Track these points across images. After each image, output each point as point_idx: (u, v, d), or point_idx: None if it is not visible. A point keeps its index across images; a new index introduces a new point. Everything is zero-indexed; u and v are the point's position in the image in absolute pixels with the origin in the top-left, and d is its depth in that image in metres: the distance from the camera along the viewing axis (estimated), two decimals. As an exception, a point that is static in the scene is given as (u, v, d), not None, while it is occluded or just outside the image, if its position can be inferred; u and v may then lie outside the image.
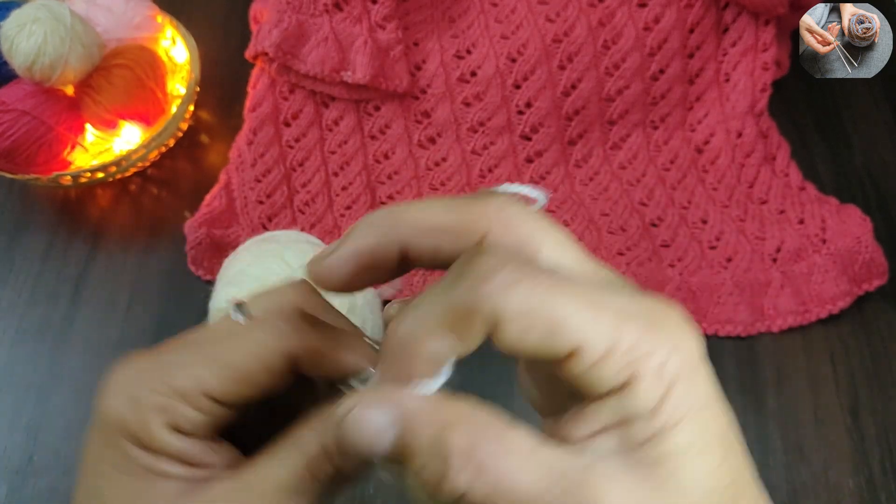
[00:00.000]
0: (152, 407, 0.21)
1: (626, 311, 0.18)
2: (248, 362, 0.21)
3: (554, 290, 0.17)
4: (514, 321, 0.17)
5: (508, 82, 0.54)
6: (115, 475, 0.21)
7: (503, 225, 0.19)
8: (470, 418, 0.18)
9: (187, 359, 0.22)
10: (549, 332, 0.17)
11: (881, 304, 0.50)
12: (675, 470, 0.17)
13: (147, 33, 0.57)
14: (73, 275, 0.53)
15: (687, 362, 0.18)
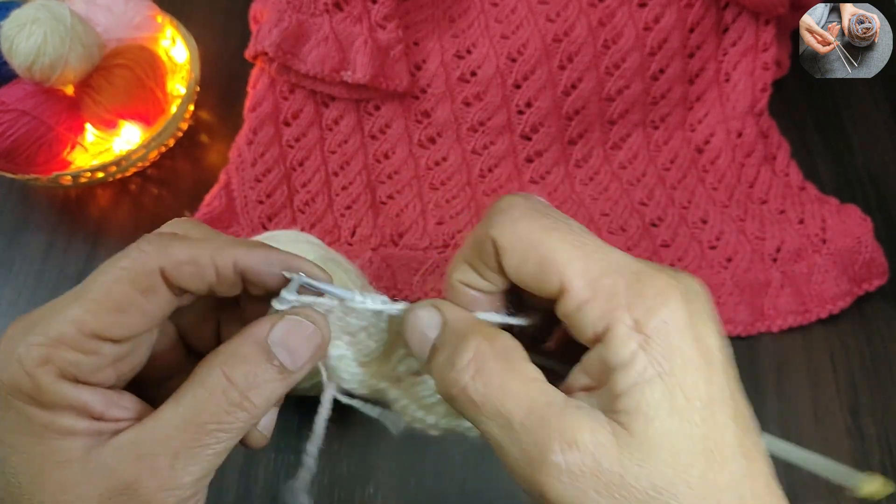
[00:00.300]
0: (36, 360, 0.20)
1: (617, 264, 0.19)
2: (117, 289, 0.21)
3: (552, 233, 0.20)
4: (512, 252, 0.20)
5: (509, 82, 0.54)
6: (17, 439, 0.20)
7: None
8: (493, 336, 0.20)
9: (60, 306, 0.21)
10: (539, 267, 0.19)
11: (881, 304, 0.50)
12: (644, 425, 0.18)
13: (147, 33, 0.57)
14: (73, 275, 0.53)
15: (670, 323, 0.18)
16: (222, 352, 0.22)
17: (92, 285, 0.21)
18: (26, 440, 0.20)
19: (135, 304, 0.21)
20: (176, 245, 0.22)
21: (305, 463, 0.25)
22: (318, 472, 0.45)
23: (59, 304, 0.21)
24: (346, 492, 0.45)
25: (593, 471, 0.18)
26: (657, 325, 0.18)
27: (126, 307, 0.21)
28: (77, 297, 0.21)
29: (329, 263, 0.42)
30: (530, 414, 0.19)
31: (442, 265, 0.51)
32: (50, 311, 0.21)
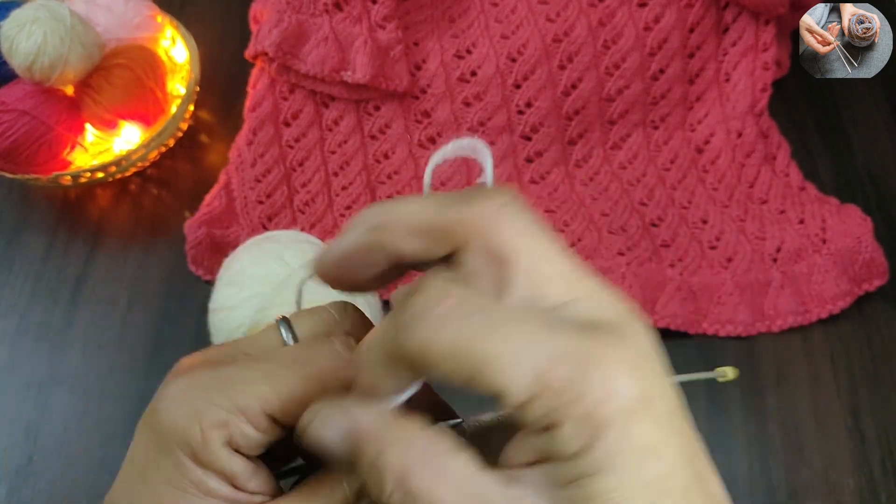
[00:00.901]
0: (214, 422, 0.20)
1: (561, 352, 0.17)
2: (309, 388, 0.21)
3: (485, 334, 0.17)
4: (439, 365, 0.17)
5: (508, 82, 0.54)
6: (162, 486, 0.21)
7: (484, 230, 0.19)
8: (410, 440, 0.18)
9: (249, 374, 0.21)
10: (471, 377, 0.17)
11: (881, 304, 0.50)
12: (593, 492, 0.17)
13: (147, 33, 0.57)
14: (73, 275, 0.53)
15: (621, 409, 0.17)
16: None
17: (285, 370, 0.21)
18: (172, 491, 0.21)
19: (313, 401, 0.21)
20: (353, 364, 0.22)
21: None
22: (318, 473, 0.45)
23: (248, 372, 0.22)
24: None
25: None
26: (607, 418, 0.17)
27: (306, 403, 0.21)
28: (265, 374, 0.21)
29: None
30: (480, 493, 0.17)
31: (442, 265, 0.51)
32: (236, 376, 0.21)
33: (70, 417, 0.48)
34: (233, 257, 0.44)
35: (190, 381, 0.21)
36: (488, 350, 0.17)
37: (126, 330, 0.51)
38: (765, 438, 0.46)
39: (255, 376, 0.21)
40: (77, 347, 0.50)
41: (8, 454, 0.47)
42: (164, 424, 0.21)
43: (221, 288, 0.43)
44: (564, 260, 0.19)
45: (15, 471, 0.46)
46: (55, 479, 0.46)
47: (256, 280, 0.41)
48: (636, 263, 0.50)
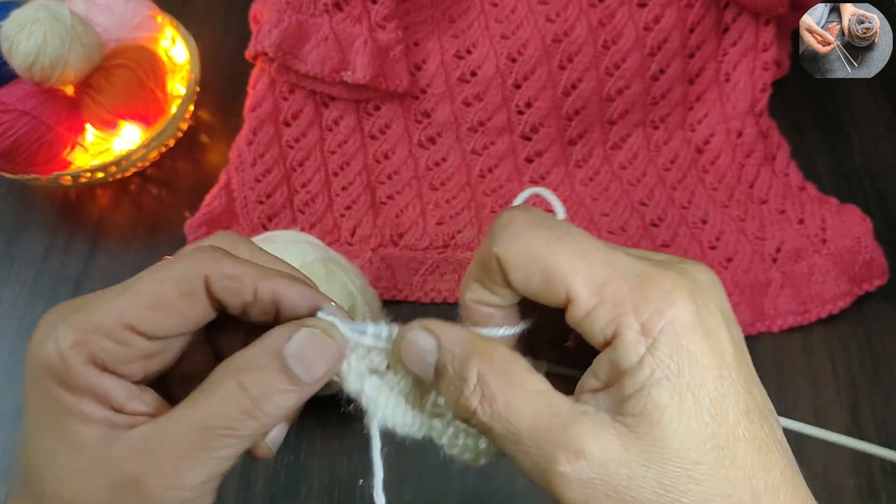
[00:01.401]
0: (71, 341, 0.21)
1: (622, 269, 0.19)
2: (161, 288, 0.21)
3: (554, 244, 0.20)
4: (517, 267, 0.20)
5: (508, 82, 0.54)
6: (41, 419, 0.21)
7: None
8: (491, 354, 0.20)
9: (107, 295, 0.22)
10: (545, 280, 0.20)
11: (881, 304, 0.50)
12: (653, 425, 0.18)
13: (147, 33, 0.57)
14: (73, 275, 0.53)
15: (676, 323, 0.18)
16: (238, 359, 0.22)
17: (138, 282, 0.22)
18: (48, 421, 0.21)
19: (174, 305, 0.22)
20: (225, 260, 0.22)
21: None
22: (317, 472, 0.45)
23: (104, 294, 0.22)
24: (346, 492, 0.45)
25: (602, 477, 0.18)
26: (664, 328, 0.18)
27: (165, 307, 0.21)
28: (121, 291, 0.22)
29: (329, 264, 0.42)
30: (536, 428, 0.19)
31: (442, 265, 0.51)
32: (93, 299, 0.22)
33: (70, 417, 0.48)
34: (233, 257, 0.44)
35: (53, 314, 0.22)
36: (559, 258, 0.20)
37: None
38: (765, 438, 0.46)
39: (112, 295, 0.22)
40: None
41: (8, 454, 0.47)
42: (31, 358, 0.21)
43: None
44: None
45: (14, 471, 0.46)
46: (55, 479, 0.46)
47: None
48: (636, 263, 0.50)
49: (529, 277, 0.20)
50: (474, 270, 0.22)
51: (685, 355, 0.18)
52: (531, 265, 0.20)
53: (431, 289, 0.51)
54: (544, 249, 0.20)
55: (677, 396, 0.18)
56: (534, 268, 0.20)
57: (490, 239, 0.21)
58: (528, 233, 0.20)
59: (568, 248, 0.20)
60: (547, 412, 0.19)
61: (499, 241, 0.21)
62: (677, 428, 0.18)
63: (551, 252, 0.20)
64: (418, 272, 0.51)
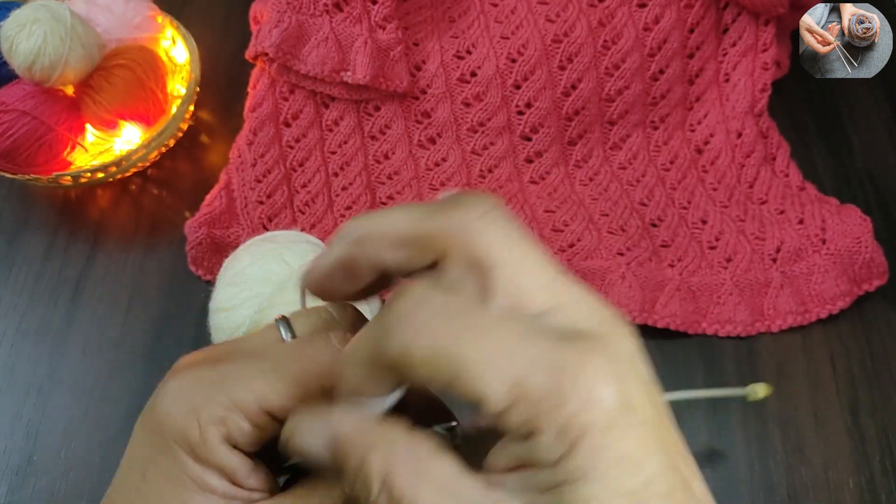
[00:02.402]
0: (212, 419, 0.21)
1: (540, 360, 0.17)
2: (307, 379, 0.21)
3: (463, 335, 0.17)
4: (418, 369, 0.18)
5: (508, 82, 0.54)
6: (161, 483, 0.21)
7: (464, 240, 0.19)
8: (394, 443, 0.18)
9: (246, 371, 0.22)
10: (450, 383, 0.17)
11: (881, 304, 0.50)
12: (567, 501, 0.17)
13: (147, 33, 0.57)
14: (73, 275, 0.53)
15: (600, 417, 0.17)
16: None
17: (281, 364, 0.22)
18: (170, 486, 0.21)
19: (313, 399, 0.21)
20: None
21: None
22: (318, 473, 0.45)
23: (243, 366, 0.22)
24: (346, 492, 0.45)
25: None
26: (584, 429, 0.17)
27: (304, 398, 0.21)
28: (264, 371, 0.21)
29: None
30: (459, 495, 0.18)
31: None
32: (235, 374, 0.21)
33: (70, 417, 0.48)
34: (233, 258, 0.44)
35: (188, 379, 0.22)
36: (467, 356, 0.17)
37: (126, 330, 0.51)
38: (765, 438, 0.46)
39: (253, 372, 0.21)
40: (77, 348, 0.50)
41: (8, 454, 0.47)
42: (162, 421, 0.21)
43: (222, 288, 0.43)
44: (546, 268, 0.19)
45: (15, 471, 0.46)
46: (55, 479, 0.46)
47: (256, 280, 0.41)
48: (636, 263, 0.50)
49: (433, 379, 0.18)
50: (363, 361, 0.19)
51: (605, 453, 0.17)
52: (437, 367, 0.17)
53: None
54: (451, 347, 0.17)
55: (601, 493, 0.17)
56: (440, 370, 0.17)
57: (385, 331, 0.18)
58: (438, 327, 0.18)
59: (480, 339, 0.17)
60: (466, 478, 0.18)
61: (397, 335, 0.18)
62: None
63: (460, 346, 0.17)
64: (418, 272, 0.51)
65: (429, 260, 0.20)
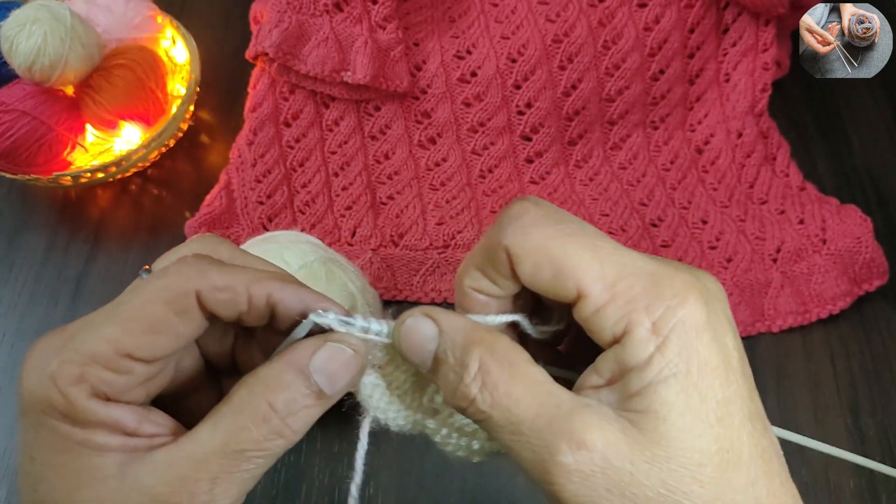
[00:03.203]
0: (70, 379, 0.20)
1: (634, 267, 0.19)
2: (153, 310, 0.21)
3: (566, 239, 0.20)
4: (526, 260, 0.20)
5: (509, 82, 0.54)
6: (52, 457, 0.20)
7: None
8: (494, 344, 0.20)
9: (95, 323, 0.21)
10: (555, 275, 0.19)
11: (881, 304, 0.50)
12: (658, 423, 0.18)
13: (147, 33, 0.57)
14: (74, 275, 0.53)
15: (687, 324, 0.18)
16: (262, 377, 0.22)
17: (128, 304, 0.21)
18: (61, 457, 0.20)
19: (169, 325, 0.21)
20: (214, 270, 0.22)
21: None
22: (318, 472, 0.45)
23: (93, 321, 0.21)
24: (346, 492, 0.45)
25: (603, 470, 0.18)
26: (675, 326, 0.18)
27: (161, 328, 0.21)
28: (112, 316, 0.21)
29: (329, 264, 0.42)
30: (538, 417, 0.19)
31: (442, 265, 0.51)
32: (83, 328, 0.21)
33: (70, 418, 0.48)
34: (233, 257, 0.44)
35: (41, 348, 0.21)
36: (571, 255, 0.19)
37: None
38: (765, 438, 0.46)
39: (100, 321, 0.21)
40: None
41: (8, 454, 0.47)
42: (27, 398, 0.21)
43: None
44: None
45: (15, 471, 0.46)
46: (55, 479, 0.46)
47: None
48: (636, 263, 0.50)
49: (539, 272, 0.20)
50: (476, 258, 0.22)
51: (694, 356, 0.18)
52: (542, 259, 0.20)
53: (431, 289, 0.51)
54: (556, 244, 0.20)
55: (684, 395, 0.18)
56: (544, 262, 0.20)
57: (499, 229, 0.21)
58: (540, 226, 0.20)
59: (580, 243, 0.20)
60: (549, 402, 0.19)
61: (509, 232, 0.20)
62: (683, 427, 0.18)
63: (563, 247, 0.20)
64: (418, 272, 0.51)
65: None
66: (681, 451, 0.18)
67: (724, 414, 0.18)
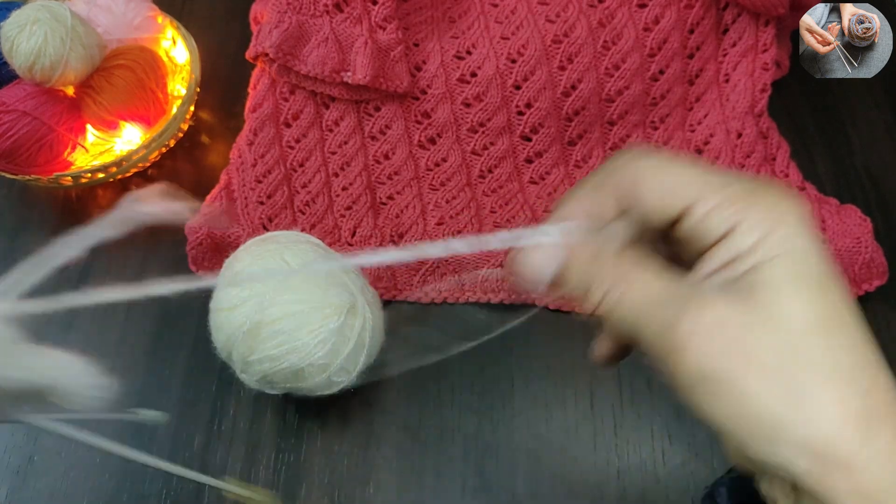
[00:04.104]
0: None
1: (736, 180, 0.22)
2: None
3: (678, 161, 0.22)
4: (648, 180, 0.22)
5: (508, 83, 0.54)
6: None
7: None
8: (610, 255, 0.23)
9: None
10: (672, 189, 0.22)
11: (881, 304, 0.50)
12: (766, 297, 0.20)
13: (148, 34, 0.57)
14: (74, 275, 0.53)
15: (787, 217, 0.21)
16: None
17: None
18: None
19: None
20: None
21: None
22: (318, 472, 0.45)
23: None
24: (346, 492, 0.45)
25: (722, 331, 0.20)
26: (780, 218, 0.20)
27: None
28: None
29: (329, 264, 0.42)
30: (664, 291, 0.21)
31: (442, 265, 0.51)
32: None
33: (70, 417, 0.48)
34: (234, 258, 0.44)
35: None
36: (682, 172, 0.22)
37: (126, 330, 0.51)
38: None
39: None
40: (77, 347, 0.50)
41: (8, 454, 0.47)
42: None
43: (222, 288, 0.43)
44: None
45: (15, 471, 0.46)
46: (55, 479, 0.46)
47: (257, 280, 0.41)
48: (636, 264, 0.50)
49: (656, 191, 0.22)
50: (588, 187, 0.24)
51: (799, 244, 0.20)
52: (662, 178, 0.22)
53: (432, 289, 0.51)
54: (673, 165, 0.22)
55: (794, 271, 0.20)
56: (662, 182, 0.22)
57: (626, 159, 0.23)
58: (656, 154, 0.23)
59: (695, 168, 0.22)
60: (662, 292, 0.21)
61: (635, 159, 0.23)
62: (788, 300, 0.20)
63: (678, 167, 0.22)
64: (418, 272, 0.51)
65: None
66: (787, 322, 0.20)
67: (827, 287, 0.20)
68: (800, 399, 0.19)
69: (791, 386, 0.19)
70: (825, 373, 0.19)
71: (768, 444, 0.19)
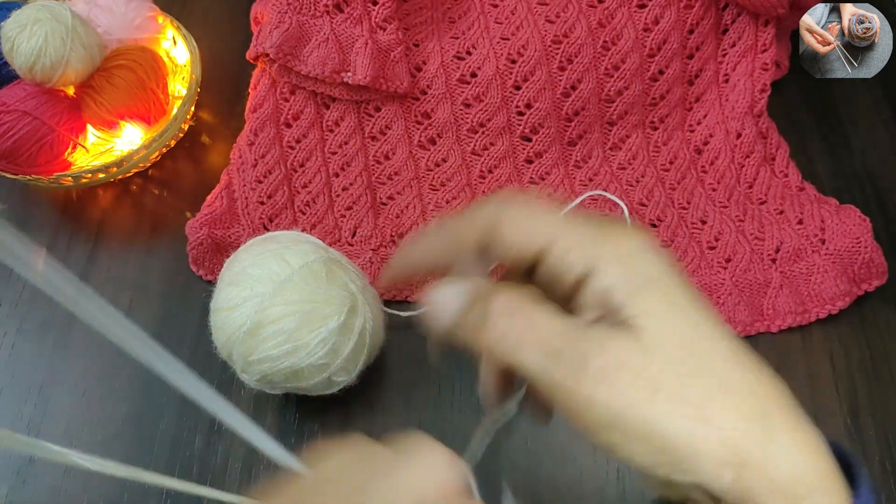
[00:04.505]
0: None
1: (585, 223, 0.23)
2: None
3: (537, 207, 0.24)
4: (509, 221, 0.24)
5: (508, 83, 0.54)
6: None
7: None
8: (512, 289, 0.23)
9: None
10: (529, 231, 0.23)
11: (881, 304, 0.50)
12: (649, 326, 0.21)
13: (148, 34, 0.57)
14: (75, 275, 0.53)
15: (638, 251, 0.22)
16: None
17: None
18: None
19: None
20: None
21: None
22: (318, 472, 0.45)
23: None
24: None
25: (628, 371, 0.20)
26: (632, 252, 0.22)
27: None
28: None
29: (330, 264, 0.42)
30: (565, 335, 0.21)
31: (442, 265, 0.51)
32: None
33: (70, 417, 0.48)
34: (234, 258, 0.44)
35: None
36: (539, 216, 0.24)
37: (127, 330, 0.51)
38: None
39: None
40: (77, 347, 0.50)
41: (8, 454, 0.47)
42: None
43: (223, 288, 0.43)
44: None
45: (15, 471, 0.46)
46: (55, 479, 0.46)
47: (257, 280, 0.41)
48: (636, 264, 0.50)
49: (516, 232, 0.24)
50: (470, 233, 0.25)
51: (654, 273, 0.22)
52: (520, 223, 0.24)
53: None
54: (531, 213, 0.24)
55: (655, 303, 0.21)
56: (521, 225, 0.24)
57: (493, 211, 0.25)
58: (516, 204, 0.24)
59: (543, 210, 0.24)
60: (571, 323, 0.22)
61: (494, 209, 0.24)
62: (660, 325, 0.21)
63: (537, 216, 0.24)
64: (418, 272, 0.51)
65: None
66: (660, 344, 0.21)
67: (682, 311, 0.22)
68: (705, 412, 0.20)
69: (694, 402, 0.20)
70: (718, 384, 0.20)
71: (688, 463, 0.20)
